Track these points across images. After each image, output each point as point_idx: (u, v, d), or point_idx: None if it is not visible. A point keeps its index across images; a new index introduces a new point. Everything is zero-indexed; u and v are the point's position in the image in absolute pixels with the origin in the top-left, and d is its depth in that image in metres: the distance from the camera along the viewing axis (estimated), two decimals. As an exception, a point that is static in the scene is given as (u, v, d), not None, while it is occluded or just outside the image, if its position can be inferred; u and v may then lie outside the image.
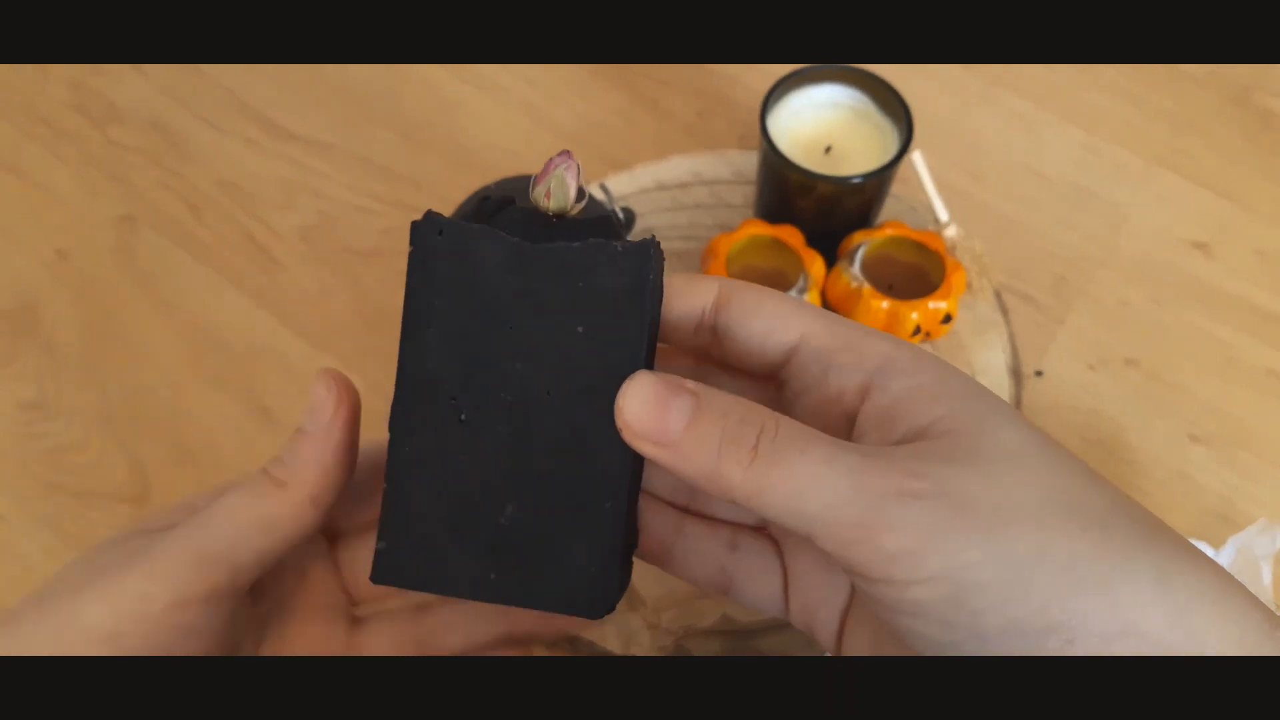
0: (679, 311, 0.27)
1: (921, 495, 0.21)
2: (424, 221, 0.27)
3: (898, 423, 0.24)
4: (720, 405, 0.23)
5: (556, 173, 0.27)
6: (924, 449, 0.23)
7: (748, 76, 0.63)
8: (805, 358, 0.26)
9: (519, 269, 0.26)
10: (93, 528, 0.50)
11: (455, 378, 0.27)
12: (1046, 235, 0.57)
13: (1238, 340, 0.53)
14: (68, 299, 0.57)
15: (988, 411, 0.24)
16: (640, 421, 0.24)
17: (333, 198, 0.60)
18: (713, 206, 0.58)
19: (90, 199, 0.61)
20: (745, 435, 0.23)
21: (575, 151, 0.61)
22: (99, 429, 0.53)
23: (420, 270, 0.27)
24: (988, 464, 0.22)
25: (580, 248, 0.26)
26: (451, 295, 0.27)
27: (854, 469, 0.22)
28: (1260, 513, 0.48)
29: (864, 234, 0.51)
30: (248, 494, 0.27)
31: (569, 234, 0.27)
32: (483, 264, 0.27)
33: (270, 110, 0.64)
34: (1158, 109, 0.62)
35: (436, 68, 0.65)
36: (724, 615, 0.44)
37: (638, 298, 0.26)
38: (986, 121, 0.62)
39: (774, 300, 0.27)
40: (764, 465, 0.22)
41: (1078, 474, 0.23)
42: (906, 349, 0.25)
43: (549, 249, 0.26)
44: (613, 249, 0.26)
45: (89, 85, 0.65)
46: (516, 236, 0.27)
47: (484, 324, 0.27)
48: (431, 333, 0.27)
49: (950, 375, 0.25)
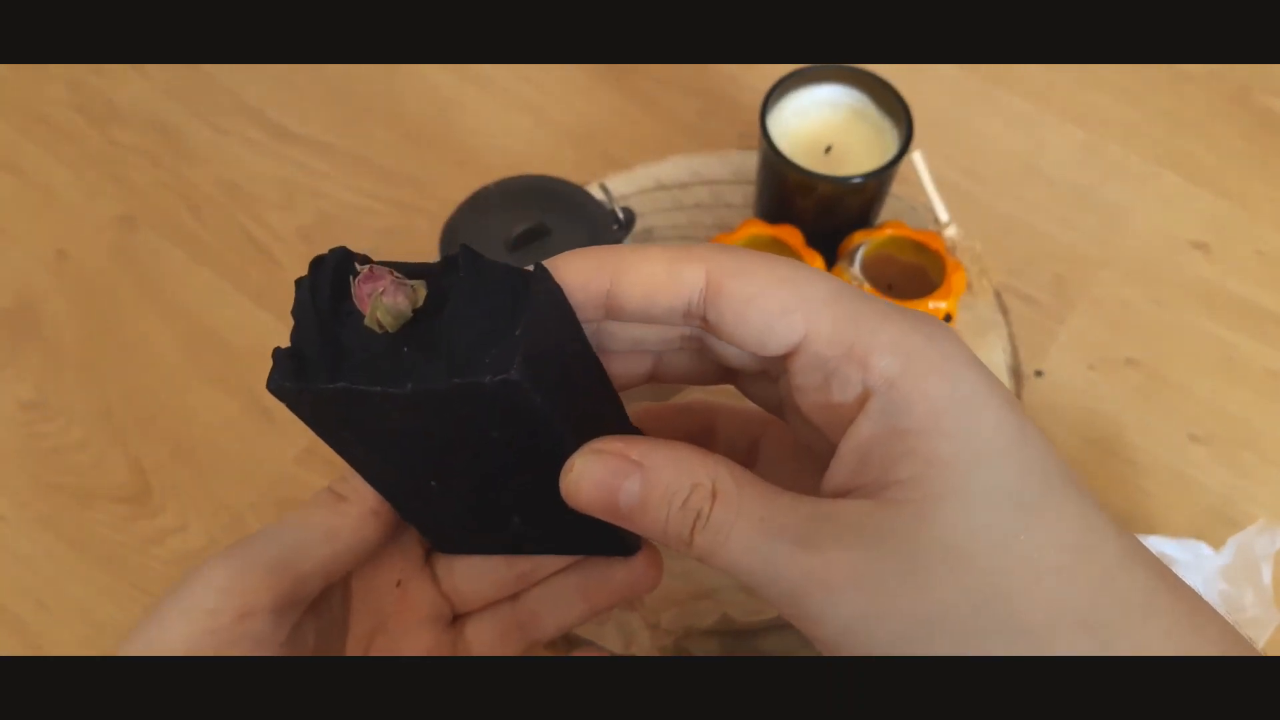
0: (662, 307, 0.24)
1: (837, 591, 0.22)
2: (274, 381, 0.23)
3: (869, 464, 0.23)
4: (665, 484, 0.24)
5: (374, 303, 0.23)
6: (866, 524, 0.22)
7: (748, 76, 0.63)
8: (807, 360, 0.24)
9: (397, 408, 0.23)
10: (92, 528, 0.50)
11: (405, 480, 0.27)
12: (1047, 235, 0.57)
13: (1238, 340, 0.53)
14: (67, 299, 0.57)
15: (954, 485, 0.22)
16: (590, 505, 0.24)
17: (333, 198, 0.60)
18: (712, 206, 0.58)
19: (90, 199, 0.61)
20: (686, 519, 0.23)
21: (575, 151, 0.61)
22: (99, 429, 0.53)
23: (308, 415, 0.25)
24: (924, 560, 0.21)
25: (446, 391, 0.22)
26: (349, 433, 0.25)
27: (775, 558, 0.22)
28: (1260, 513, 0.48)
29: (864, 234, 0.51)
30: (311, 508, 0.29)
31: (422, 338, 0.23)
32: (362, 410, 0.24)
33: (270, 110, 0.64)
34: (1158, 109, 0.62)
35: (436, 68, 0.65)
36: (724, 615, 0.44)
37: (531, 411, 0.23)
38: (986, 121, 0.62)
39: (774, 289, 0.23)
40: (698, 549, 0.23)
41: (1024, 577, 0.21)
42: (920, 362, 0.23)
43: (415, 395, 0.22)
44: (481, 391, 0.22)
45: (89, 85, 0.65)
46: (372, 364, 0.23)
47: (396, 448, 0.26)
48: (357, 451, 0.26)
49: (951, 412, 0.22)
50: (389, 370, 0.23)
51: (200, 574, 0.27)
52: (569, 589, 0.32)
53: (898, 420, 0.22)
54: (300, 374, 0.23)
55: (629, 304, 0.24)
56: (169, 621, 0.26)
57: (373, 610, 0.31)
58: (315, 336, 0.23)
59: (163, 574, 0.49)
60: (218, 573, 0.27)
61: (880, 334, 0.23)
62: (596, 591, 0.32)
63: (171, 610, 0.26)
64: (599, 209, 0.48)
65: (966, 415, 0.22)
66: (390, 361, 0.23)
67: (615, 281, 0.24)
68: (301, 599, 0.28)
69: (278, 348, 0.23)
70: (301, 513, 0.29)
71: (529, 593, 0.33)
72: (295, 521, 0.28)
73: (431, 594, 0.32)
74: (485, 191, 0.48)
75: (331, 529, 0.28)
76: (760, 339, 0.24)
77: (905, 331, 0.23)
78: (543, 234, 0.46)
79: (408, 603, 0.32)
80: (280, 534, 0.28)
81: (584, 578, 0.32)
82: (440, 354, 0.22)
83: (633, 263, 0.24)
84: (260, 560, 0.27)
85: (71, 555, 0.49)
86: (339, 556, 0.28)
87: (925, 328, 0.23)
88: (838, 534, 0.22)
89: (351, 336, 0.23)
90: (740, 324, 0.24)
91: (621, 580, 0.31)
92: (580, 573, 0.32)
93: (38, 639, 0.47)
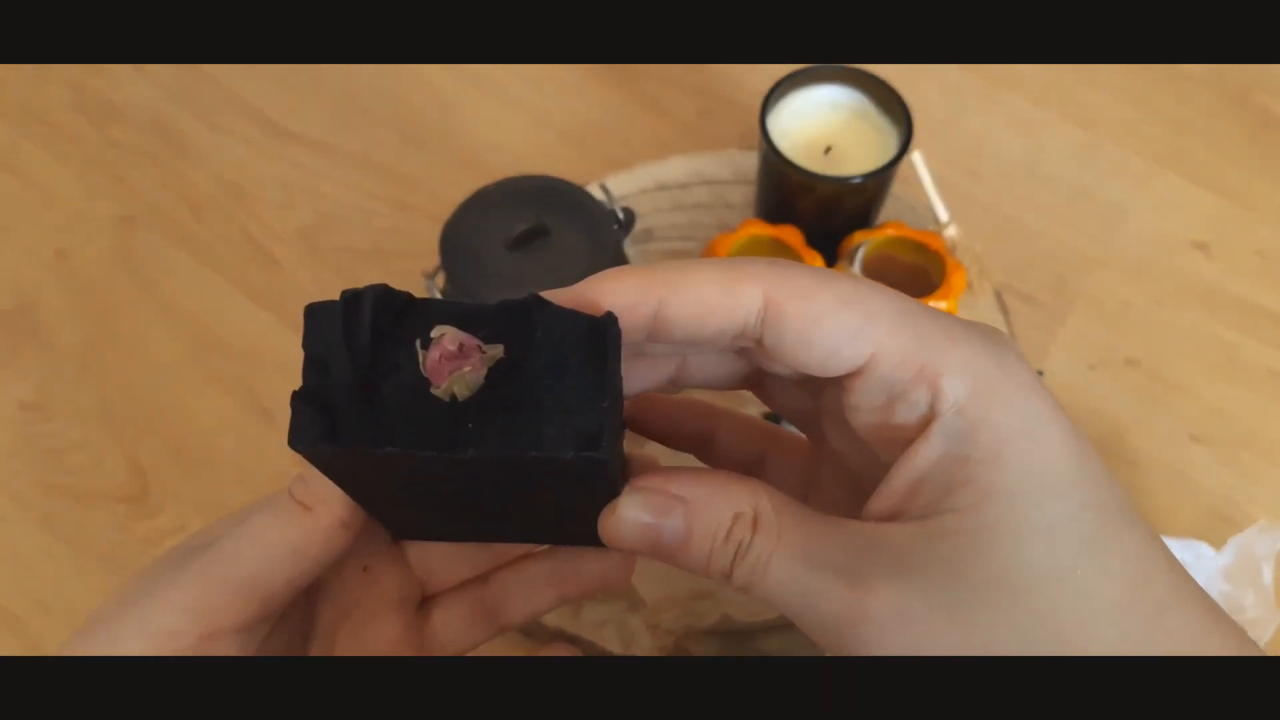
0: (713, 329, 0.23)
1: (882, 627, 0.21)
2: (297, 431, 0.20)
3: (924, 488, 0.22)
4: (708, 519, 0.23)
5: (455, 378, 0.20)
6: (915, 553, 0.21)
7: (748, 76, 0.63)
8: (872, 382, 0.23)
9: (444, 471, 0.21)
10: (91, 528, 0.50)
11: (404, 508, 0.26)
12: (1047, 235, 0.57)
13: (1238, 340, 0.53)
14: (67, 299, 0.57)
15: (1011, 518, 0.21)
16: (631, 545, 0.24)
17: (332, 198, 0.60)
18: (713, 206, 0.58)
19: (90, 199, 0.61)
20: (728, 552, 0.23)
21: (575, 151, 0.61)
22: (98, 429, 0.53)
23: (330, 471, 0.23)
24: (976, 594, 0.21)
25: (513, 460, 0.20)
26: (371, 481, 0.24)
27: (816, 590, 0.22)
28: (1261, 513, 0.48)
29: (864, 234, 0.51)
30: (275, 519, 0.26)
31: (488, 403, 0.21)
32: (398, 469, 0.21)
33: (270, 110, 0.64)
34: (1158, 109, 0.62)
35: (436, 68, 0.65)
36: (724, 615, 0.44)
37: (601, 474, 0.21)
38: (986, 121, 0.62)
39: (840, 310, 0.22)
40: (738, 580, 0.23)
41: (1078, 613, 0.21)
42: (988, 388, 0.22)
43: (473, 461, 0.20)
44: (558, 463, 0.20)
45: (89, 85, 0.65)
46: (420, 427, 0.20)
47: (418, 494, 0.24)
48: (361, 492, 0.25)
49: (1014, 443, 0.22)
50: (443, 431, 0.20)
51: (160, 590, 0.25)
52: (541, 576, 0.31)
53: (960, 447, 0.22)
54: (332, 433, 0.20)
55: (678, 328, 0.23)
56: (125, 635, 0.25)
57: (339, 598, 0.30)
58: (350, 389, 0.21)
59: (162, 574, 0.49)
60: (180, 592, 0.25)
61: (950, 356, 0.22)
62: (568, 580, 0.31)
63: (129, 624, 0.25)
64: (599, 209, 0.48)
65: (1030, 446, 0.22)
66: (446, 422, 0.20)
67: (664, 303, 0.22)
68: (269, 616, 0.27)
69: (295, 393, 0.21)
70: (265, 524, 0.26)
71: (499, 578, 0.32)
72: (259, 536, 0.26)
73: (399, 576, 0.31)
74: (485, 191, 0.47)
75: (299, 546, 0.26)
76: (824, 362, 0.23)
77: (976, 353, 0.22)
78: (543, 234, 0.46)
79: (375, 587, 0.31)
80: (244, 550, 0.26)
81: (556, 565, 0.31)
82: (508, 416, 0.20)
83: (682, 284, 0.22)
84: (227, 581, 0.25)
85: (70, 555, 0.49)
86: (308, 573, 0.27)
87: (994, 349, 0.23)
88: (884, 564, 0.21)
89: (395, 392, 0.21)
90: (803, 348, 0.22)
91: (593, 570, 0.30)
92: (553, 559, 0.31)
93: (37, 639, 0.47)
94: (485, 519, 0.28)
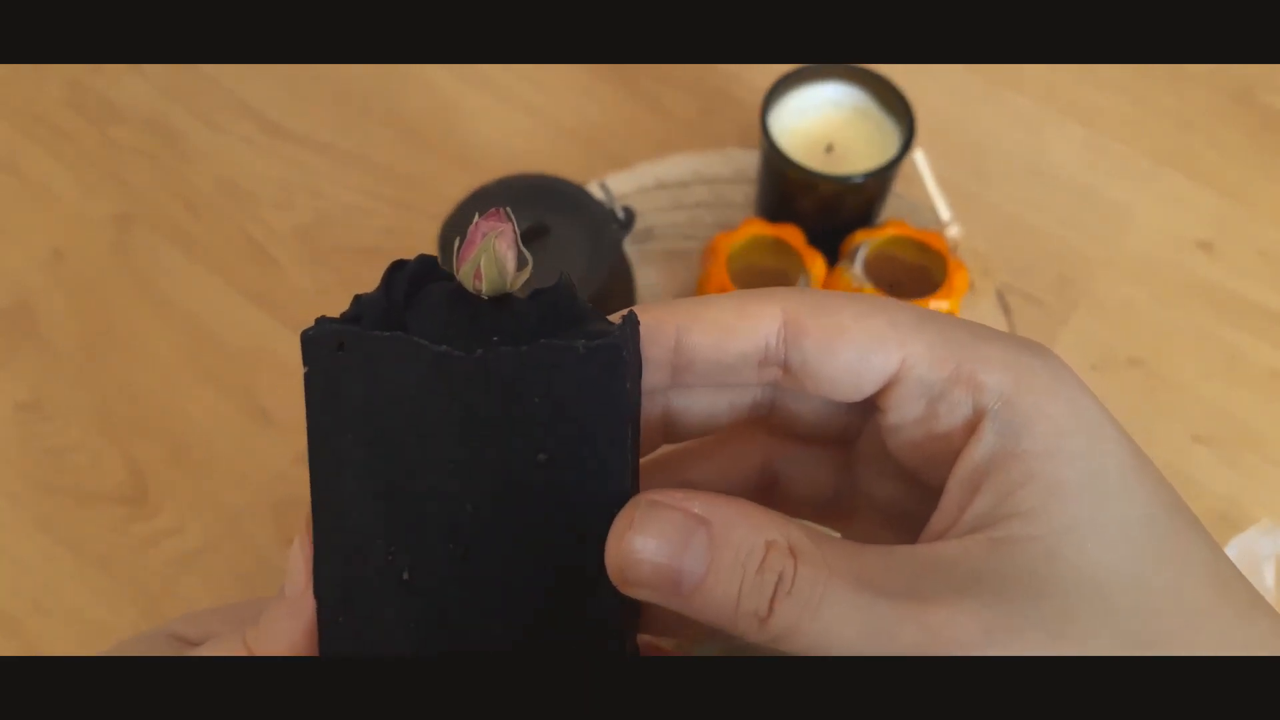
0: (734, 354, 0.22)
1: (971, 649, 0.19)
2: (316, 333, 0.21)
3: (983, 494, 0.20)
4: (737, 545, 0.19)
5: (485, 244, 0.20)
6: (987, 566, 0.19)
7: (749, 75, 0.63)
8: (907, 390, 0.21)
9: (450, 385, 0.20)
10: (89, 529, 0.50)
11: (387, 529, 0.21)
12: (1049, 234, 0.57)
13: (1241, 340, 0.53)
14: (64, 299, 0.57)
15: (1084, 516, 0.19)
16: (650, 576, 0.20)
17: (331, 197, 0.60)
18: (713, 205, 0.57)
19: (88, 198, 0.61)
20: (764, 586, 0.19)
21: (575, 150, 0.61)
22: (96, 430, 0.53)
23: (321, 396, 0.21)
24: (1064, 603, 0.19)
25: (528, 353, 0.20)
26: (367, 425, 0.21)
27: (886, 619, 0.19)
28: (1263, 513, 0.48)
29: (866, 233, 0.50)
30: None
31: (511, 321, 0.21)
32: (402, 383, 0.20)
33: (269, 110, 0.64)
34: (1161, 108, 0.62)
35: (436, 68, 0.65)
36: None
37: (613, 412, 0.20)
38: (989, 121, 0.62)
39: (863, 321, 0.21)
40: (781, 621, 0.19)
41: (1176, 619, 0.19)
42: (1034, 380, 0.21)
43: (486, 359, 0.20)
44: (571, 353, 0.20)
45: (87, 84, 0.65)
46: (442, 331, 0.20)
47: (414, 458, 0.21)
48: (348, 475, 0.21)
49: (1074, 435, 0.20)
50: (461, 334, 0.20)
51: None
52: None
53: (1017, 441, 0.20)
54: (354, 319, 0.21)
55: (699, 354, 0.22)
56: None
57: None
58: (379, 316, 0.21)
59: (160, 575, 0.49)
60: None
61: (984, 350, 0.21)
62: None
63: None
64: (599, 208, 0.47)
65: (1090, 439, 0.20)
66: (461, 338, 0.20)
67: (683, 330, 0.22)
68: None
69: (321, 315, 0.21)
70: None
71: None
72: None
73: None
74: (485, 190, 0.47)
75: None
76: (853, 374, 0.21)
77: (1010, 348, 0.21)
78: (543, 233, 0.46)
79: None
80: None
81: None
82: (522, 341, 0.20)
83: (700, 309, 0.22)
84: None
85: (68, 557, 0.49)
86: None
87: (1031, 346, 0.21)
88: (956, 584, 0.19)
89: (420, 324, 0.21)
90: (829, 360, 0.21)
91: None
92: None
93: (34, 640, 0.47)
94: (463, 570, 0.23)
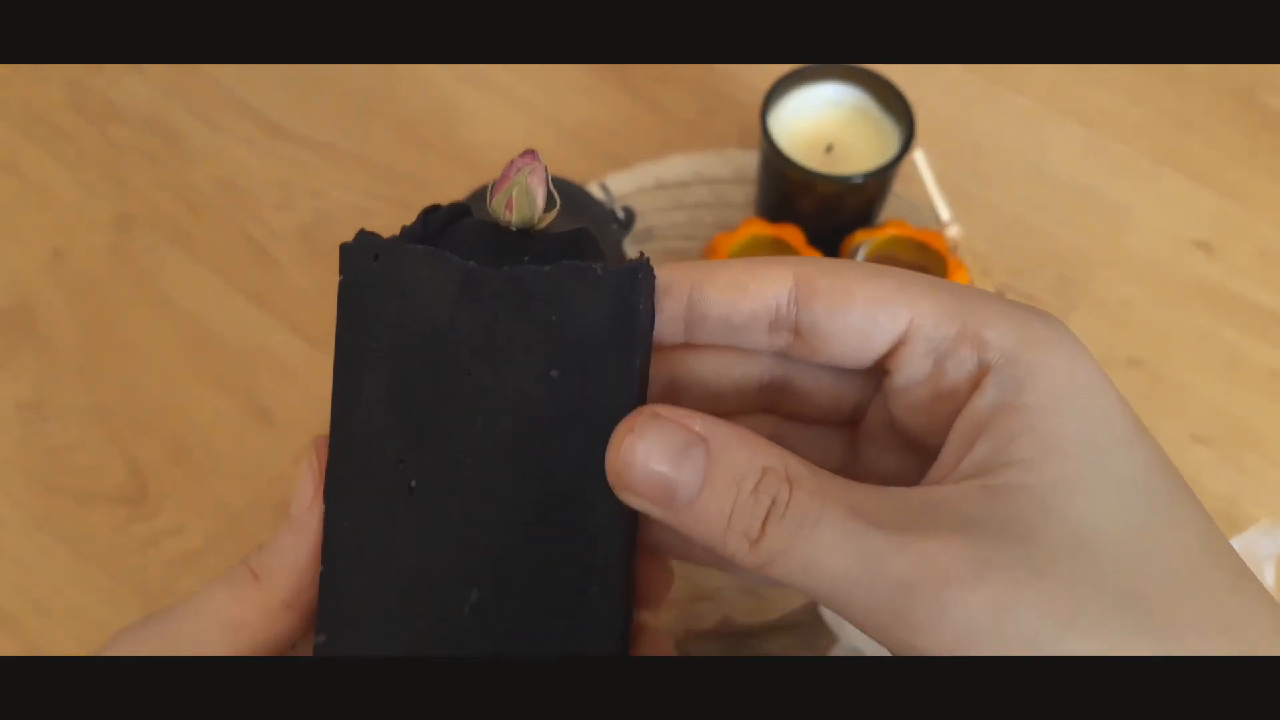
0: (745, 312, 0.22)
1: (961, 583, 0.19)
2: (355, 244, 0.23)
3: (982, 442, 0.21)
4: (733, 465, 0.20)
5: (519, 177, 0.23)
6: (981, 509, 0.20)
7: (748, 75, 0.63)
8: (914, 349, 0.22)
9: (475, 300, 0.22)
10: (90, 529, 0.50)
11: (400, 437, 0.23)
12: (1049, 235, 0.57)
13: (1241, 340, 0.53)
14: (64, 299, 0.57)
15: (1078, 471, 0.20)
16: (645, 481, 0.20)
17: (331, 197, 0.60)
18: (713, 205, 0.57)
19: (87, 198, 0.61)
20: (757, 508, 0.20)
21: (575, 150, 0.61)
22: (96, 429, 0.53)
23: (353, 305, 0.23)
24: (1053, 551, 0.19)
25: (551, 272, 0.21)
26: (392, 335, 0.22)
27: (878, 549, 0.19)
28: (1263, 513, 0.48)
29: (865, 233, 0.50)
30: (223, 590, 0.25)
31: (537, 252, 0.22)
32: (430, 295, 0.22)
33: (269, 110, 0.64)
34: (1161, 108, 0.62)
35: (436, 68, 0.65)
36: (724, 618, 0.44)
37: (625, 332, 0.21)
38: (989, 120, 0.62)
39: (871, 282, 0.22)
40: (771, 544, 0.20)
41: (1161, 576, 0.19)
42: (1038, 339, 0.21)
43: (511, 274, 0.22)
44: (591, 272, 0.21)
45: (87, 84, 0.65)
46: (472, 258, 0.22)
47: (434, 370, 0.22)
48: (369, 382, 0.23)
49: (1074, 393, 0.21)
50: (485, 263, 0.22)
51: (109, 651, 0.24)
52: None
53: (1018, 395, 0.21)
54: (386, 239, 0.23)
55: (711, 309, 0.23)
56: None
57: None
58: (414, 240, 0.23)
59: (160, 575, 0.49)
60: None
61: (991, 311, 0.21)
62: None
63: None
64: (599, 208, 0.47)
65: (1090, 397, 0.21)
66: (489, 260, 0.22)
67: (696, 285, 0.23)
68: None
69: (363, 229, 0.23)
70: (212, 593, 0.25)
71: None
72: (201, 609, 0.24)
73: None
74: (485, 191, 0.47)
75: (237, 622, 0.24)
76: (863, 334, 0.22)
77: (1015, 309, 0.22)
78: (542, 233, 0.46)
79: None
80: (182, 623, 0.24)
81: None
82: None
83: (714, 268, 0.23)
84: (157, 653, 0.24)
85: (68, 556, 0.49)
86: (247, 649, 0.24)
87: (1034, 309, 0.22)
88: (947, 522, 0.19)
89: (452, 248, 0.23)
90: (839, 319, 0.22)
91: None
92: None
93: (34, 640, 0.47)
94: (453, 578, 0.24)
